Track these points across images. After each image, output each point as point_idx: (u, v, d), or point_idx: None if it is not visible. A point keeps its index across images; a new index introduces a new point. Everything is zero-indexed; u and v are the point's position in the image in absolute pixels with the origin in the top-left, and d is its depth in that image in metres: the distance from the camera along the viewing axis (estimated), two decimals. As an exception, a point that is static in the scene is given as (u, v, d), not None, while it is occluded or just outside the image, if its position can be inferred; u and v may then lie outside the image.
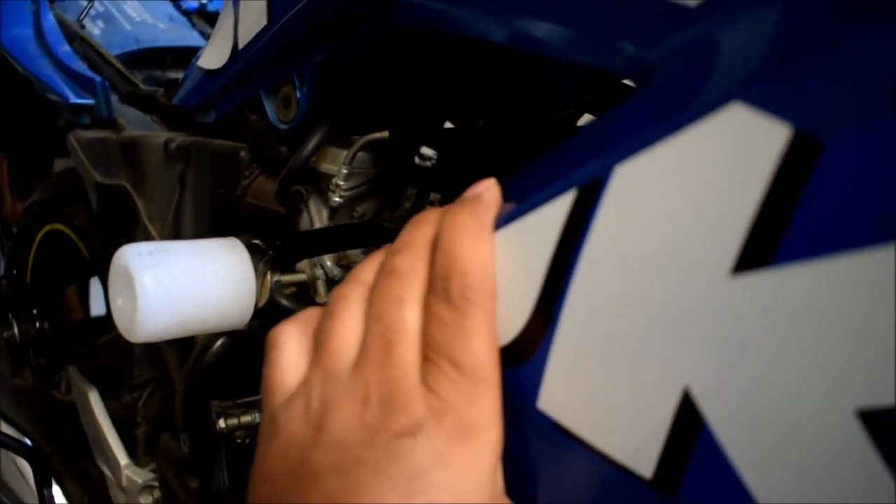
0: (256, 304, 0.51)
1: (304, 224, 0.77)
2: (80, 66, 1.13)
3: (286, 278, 0.61)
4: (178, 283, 0.47)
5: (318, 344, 0.34)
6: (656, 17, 0.33)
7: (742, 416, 0.27)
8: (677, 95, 0.29)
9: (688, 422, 0.28)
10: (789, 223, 0.24)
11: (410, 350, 0.31)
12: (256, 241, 0.53)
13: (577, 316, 0.31)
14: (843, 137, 0.23)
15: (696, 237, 0.26)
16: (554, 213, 0.31)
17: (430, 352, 0.31)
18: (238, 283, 0.50)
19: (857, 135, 0.23)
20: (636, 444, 0.30)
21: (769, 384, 0.26)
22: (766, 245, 0.24)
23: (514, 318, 0.33)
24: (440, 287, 0.32)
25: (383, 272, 0.34)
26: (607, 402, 0.31)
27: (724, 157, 0.26)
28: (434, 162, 0.77)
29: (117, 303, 0.49)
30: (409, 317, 0.32)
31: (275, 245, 0.53)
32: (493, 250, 0.33)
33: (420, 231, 0.35)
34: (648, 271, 0.28)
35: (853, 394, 0.24)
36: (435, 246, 0.33)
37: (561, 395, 0.32)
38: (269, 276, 0.52)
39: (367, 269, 0.37)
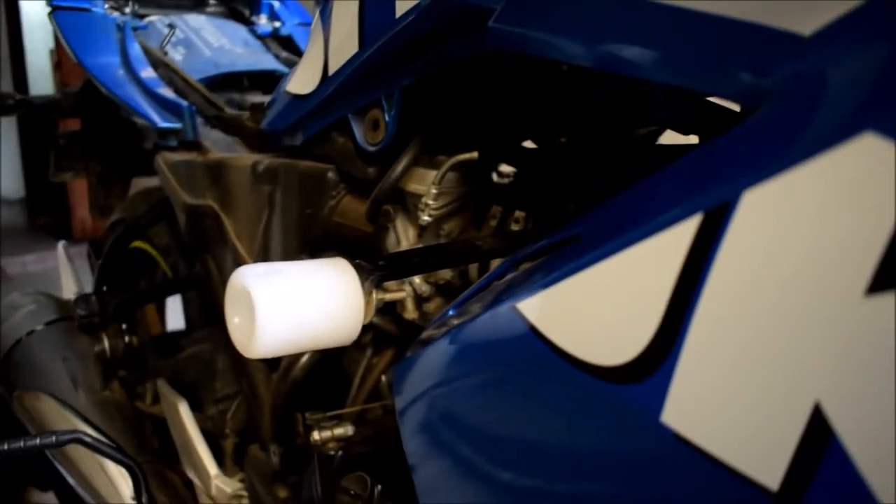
0: (363, 322, 0.54)
1: (390, 242, 0.79)
2: (167, 92, 1.17)
3: (388, 296, 0.63)
4: (293, 302, 0.50)
5: None
6: (771, 46, 0.34)
7: (875, 433, 0.28)
8: (803, 123, 0.31)
9: (818, 435, 0.29)
10: (927, 246, 0.25)
11: None
12: (360, 261, 0.55)
13: (706, 333, 0.32)
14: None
15: (831, 259, 0.28)
16: (679, 235, 0.33)
17: None
18: (347, 302, 0.52)
19: None
20: (763, 457, 0.31)
21: (904, 401, 0.27)
22: (902, 267, 0.26)
23: (638, 335, 0.35)
24: None
25: None
26: (735, 415, 0.32)
27: (858, 184, 0.27)
28: (511, 179, 0.78)
29: (234, 321, 0.52)
30: None
31: (379, 264, 0.55)
32: None
33: None
34: (782, 291, 0.29)
35: None
36: None
37: (686, 409, 0.34)
38: (374, 295, 0.55)
39: None
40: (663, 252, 0.34)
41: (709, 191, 0.32)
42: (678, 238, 0.33)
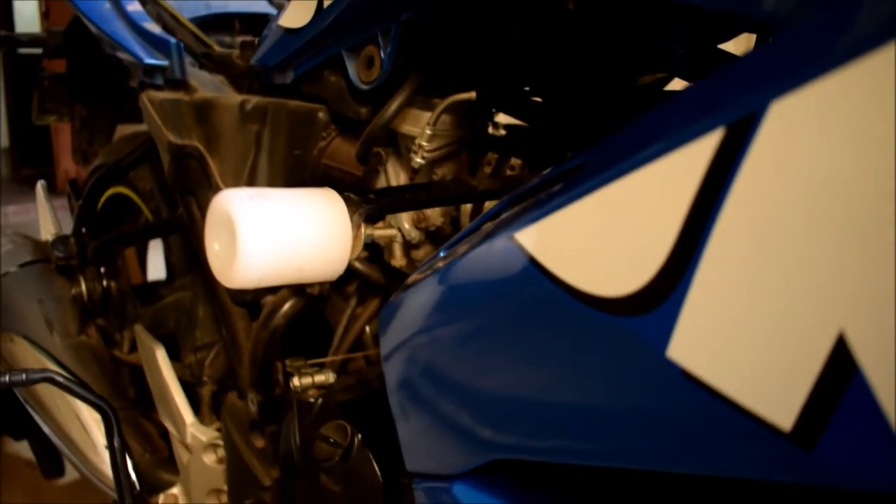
0: (350, 257, 0.51)
1: (381, 186, 0.77)
2: (154, 28, 1.13)
3: (378, 233, 0.61)
4: (277, 228, 0.47)
5: None
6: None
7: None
8: (833, 33, 0.28)
9: (839, 370, 0.27)
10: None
11: None
12: (350, 194, 0.52)
13: (721, 259, 0.30)
14: None
15: (862, 173, 0.25)
16: (698, 152, 0.30)
17: None
18: (334, 233, 0.49)
19: None
20: (776, 394, 0.29)
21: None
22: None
23: (645, 263, 0.32)
24: None
25: None
26: (748, 349, 0.30)
27: (890, 91, 0.24)
28: (506, 131, 0.76)
29: (214, 248, 0.49)
30: None
31: (369, 198, 0.53)
32: None
33: None
34: (807, 209, 0.27)
35: None
36: None
37: (695, 343, 0.31)
38: (362, 229, 0.52)
39: None
40: (678, 172, 0.31)
41: (732, 103, 0.29)
42: (695, 156, 0.30)
